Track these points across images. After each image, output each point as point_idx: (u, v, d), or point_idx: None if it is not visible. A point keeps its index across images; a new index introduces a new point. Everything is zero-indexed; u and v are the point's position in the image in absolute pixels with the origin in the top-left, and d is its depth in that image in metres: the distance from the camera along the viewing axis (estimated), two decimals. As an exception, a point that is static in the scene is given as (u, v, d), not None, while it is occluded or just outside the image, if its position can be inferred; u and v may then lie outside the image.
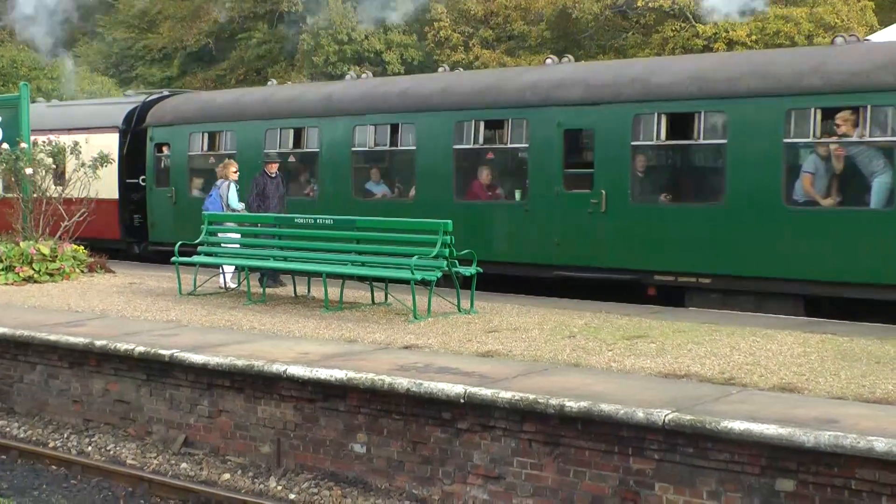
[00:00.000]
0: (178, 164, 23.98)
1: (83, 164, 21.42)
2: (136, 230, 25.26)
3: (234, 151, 22.38)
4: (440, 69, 22.69)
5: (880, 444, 8.05)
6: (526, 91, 18.57)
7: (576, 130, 18.12)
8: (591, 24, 43.40)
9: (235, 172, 19.19)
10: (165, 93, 27.28)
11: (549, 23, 44.68)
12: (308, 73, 45.95)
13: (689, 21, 40.90)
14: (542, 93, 18.32)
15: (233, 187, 18.85)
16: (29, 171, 20.76)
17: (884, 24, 35.86)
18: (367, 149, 20.76)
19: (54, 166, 21.87)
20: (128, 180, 25.07)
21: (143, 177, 24.78)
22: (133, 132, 25.12)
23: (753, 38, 38.90)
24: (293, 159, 22.26)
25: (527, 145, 18.33)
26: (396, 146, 20.47)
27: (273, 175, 18.72)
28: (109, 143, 24.25)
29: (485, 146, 19.31)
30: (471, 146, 19.22)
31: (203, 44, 52.99)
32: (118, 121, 25.52)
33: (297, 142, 21.91)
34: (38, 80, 44.42)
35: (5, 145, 21.26)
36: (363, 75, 23.55)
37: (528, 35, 45.22)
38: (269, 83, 27.28)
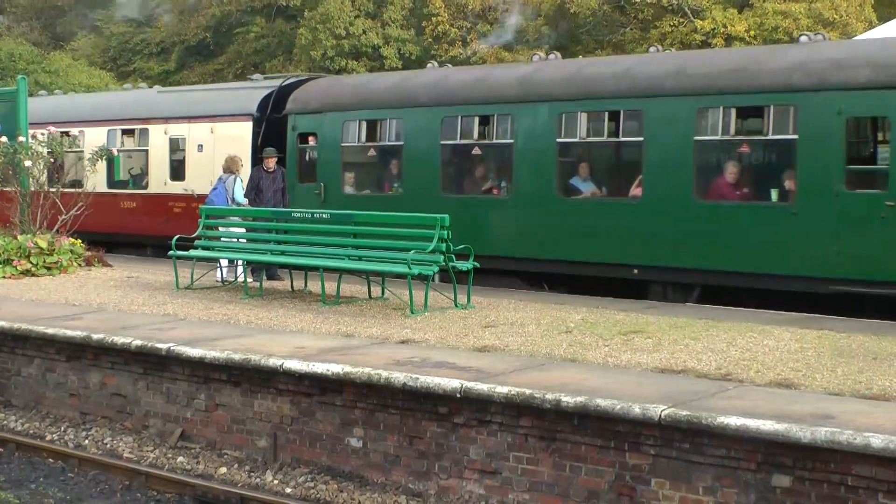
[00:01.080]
0: (329, 156, 20.85)
1: (86, 159, 21.51)
2: None
3: (400, 143, 19.93)
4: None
5: (877, 441, 8.05)
6: (793, 72, 15.78)
7: (862, 118, 15.88)
8: (589, 19, 43.38)
9: (241, 167, 19.18)
10: (302, 76, 24.52)
11: (546, 18, 44.67)
12: (305, 67, 45.92)
13: (687, 16, 40.89)
14: (815, 74, 15.55)
15: (238, 182, 18.79)
16: (28, 163, 20.72)
17: (882, 19, 35.84)
18: (576, 140, 17.93)
19: (52, 160, 21.81)
20: None
21: None
22: (268, 120, 22.12)
23: (752, 33, 38.92)
24: (477, 151, 19.48)
25: (794, 136, 15.53)
26: (617, 137, 17.65)
27: (270, 169, 18.71)
28: (241, 133, 22.27)
29: (737, 138, 16.43)
30: (718, 137, 16.41)
31: (201, 38, 52.96)
32: (251, 107, 22.52)
33: (484, 131, 19.25)
34: (36, 74, 44.39)
35: (3, 138, 21.22)
36: (551, 56, 20.55)
37: (526, 30, 45.21)
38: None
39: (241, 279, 17.57)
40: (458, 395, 10.11)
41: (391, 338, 12.84)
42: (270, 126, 21.87)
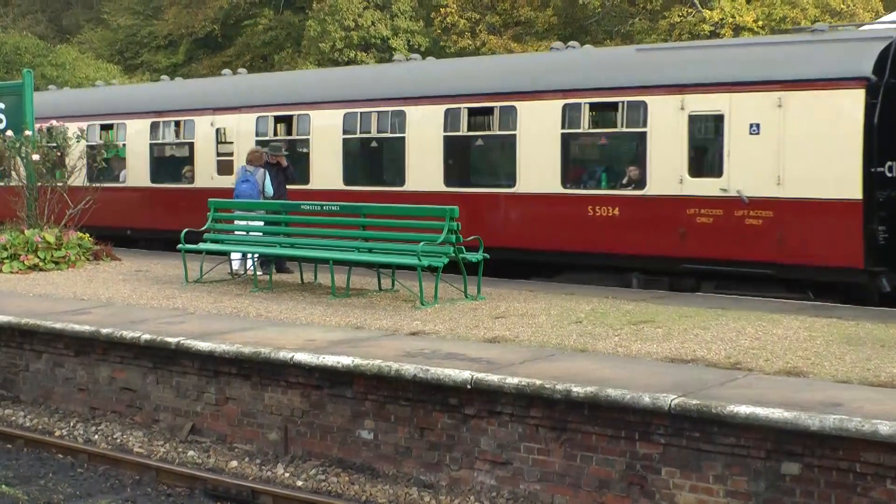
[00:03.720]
0: None
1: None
2: (886, 252, 15.24)
3: None
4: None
5: (885, 428, 8.05)
6: None
7: None
8: (597, 10, 43.31)
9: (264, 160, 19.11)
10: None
11: (555, 9, 44.60)
12: (314, 59, 45.93)
13: (695, 7, 40.80)
14: None
15: (268, 175, 18.64)
16: (36, 157, 20.75)
17: (889, 9, 35.75)
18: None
19: (58, 154, 21.79)
20: (875, 169, 15.05)
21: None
22: (887, 86, 15.13)
23: (760, 23, 38.84)
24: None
25: None
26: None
27: (283, 166, 18.73)
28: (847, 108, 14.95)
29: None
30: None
31: (209, 30, 52.96)
32: (860, 66, 15.02)
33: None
34: (42, 67, 44.43)
35: (9, 132, 21.25)
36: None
37: (534, 21, 45.15)
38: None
39: (250, 272, 17.58)
40: (469, 387, 10.12)
41: (401, 330, 12.85)
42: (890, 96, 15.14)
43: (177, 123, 23.53)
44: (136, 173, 24.15)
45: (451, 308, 14.40)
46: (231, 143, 22.44)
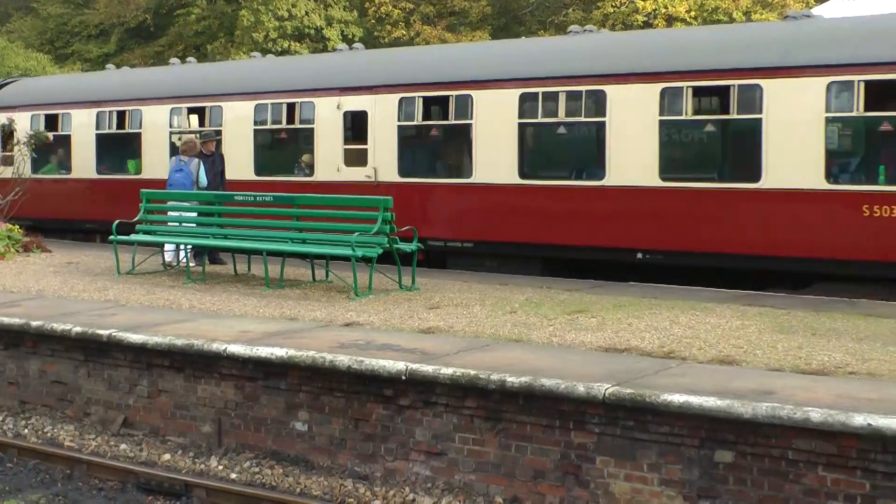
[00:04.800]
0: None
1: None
2: None
3: None
4: None
5: (816, 415, 8.14)
6: None
7: None
8: (532, 0, 43.40)
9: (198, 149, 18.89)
10: None
11: (489, -1, 44.67)
12: (248, 49, 45.58)
13: (629, -3, 41.04)
14: None
15: (202, 166, 18.46)
16: None
17: (819, 0, 36.12)
18: None
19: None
20: None
21: None
22: None
23: (693, 14, 39.13)
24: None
25: None
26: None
27: (209, 153, 18.54)
28: None
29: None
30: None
31: (141, 20, 52.35)
32: None
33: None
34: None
35: None
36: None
37: (468, 11, 45.15)
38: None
39: (183, 263, 17.42)
40: (404, 378, 10.09)
41: (336, 321, 12.78)
42: None
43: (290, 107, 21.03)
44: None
45: (385, 299, 14.35)
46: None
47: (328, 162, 19.74)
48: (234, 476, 10.82)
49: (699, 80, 16.16)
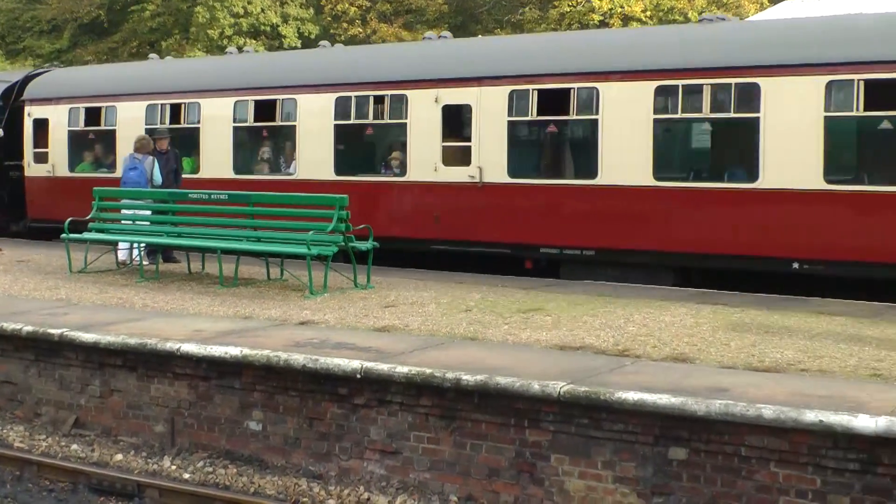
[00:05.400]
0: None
1: None
2: None
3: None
4: None
5: (768, 412, 8.19)
6: None
7: None
8: (488, -1, 43.48)
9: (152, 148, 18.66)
10: None
11: (446, -3, 44.65)
12: (203, 46, 45.31)
13: (585, -4, 41.14)
14: None
15: (157, 163, 18.27)
16: None
17: (774, 1, 36.40)
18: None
19: None
20: None
21: None
22: None
23: (648, 13, 39.30)
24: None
25: None
26: None
27: (163, 151, 18.40)
28: None
29: None
30: None
31: (94, 16, 51.90)
32: None
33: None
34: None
35: None
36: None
37: (425, 9, 45.11)
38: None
39: (136, 262, 17.28)
40: (359, 376, 10.06)
41: (290, 319, 12.73)
42: None
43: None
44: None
45: (340, 297, 14.31)
46: None
47: (423, 160, 17.97)
48: (187, 476, 10.74)
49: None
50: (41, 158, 23.04)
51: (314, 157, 19.11)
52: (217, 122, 20.44)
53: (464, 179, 17.56)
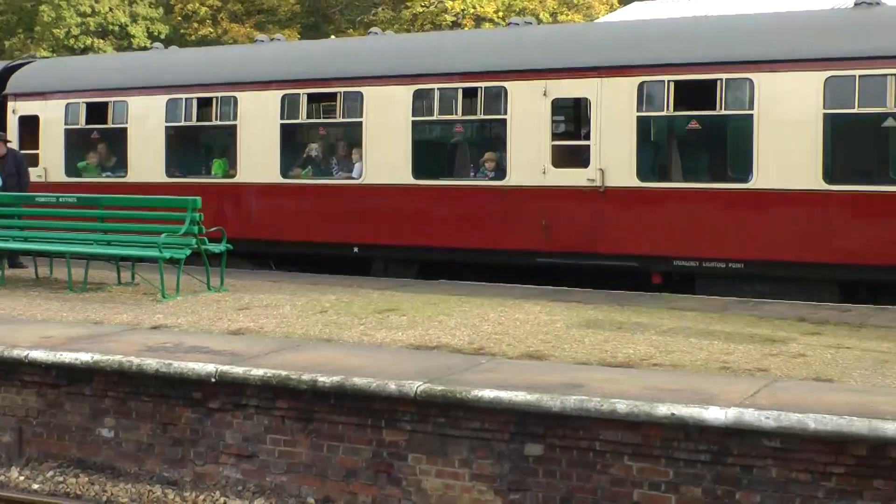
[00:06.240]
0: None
1: None
2: None
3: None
4: None
5: (622, 406, 8.34)
6: None
7: None
8: (341, -1, 43.40)
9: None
10: None
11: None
12: (48, 45, 44.22)
13: (437, -3, 41.38)
14: None
15: None
16: None
17: (624, 2, 37.14)
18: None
19: None
20: None
21: None
22: None
23: (500, 14, 39.70)
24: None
25: None
26: None
27: (2, 154, 17.86)
28: None
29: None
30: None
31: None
32: None
33: None
34: None
35: None
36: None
37: (277, 9, 44.81)
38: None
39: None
40: (213, 380, 9.94)
41: (143, 324, 12.51)
42: None
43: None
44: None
45: (193, 301, 14.10)
46: None
47: (528, 162, 15.65)
48: (36, 486, 10.47)
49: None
50: (30, 162, 19.63)
51: (387, 160, 16.84)
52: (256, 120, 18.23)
53: (581, 183, 15.36)
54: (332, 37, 33.79)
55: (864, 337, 11.21)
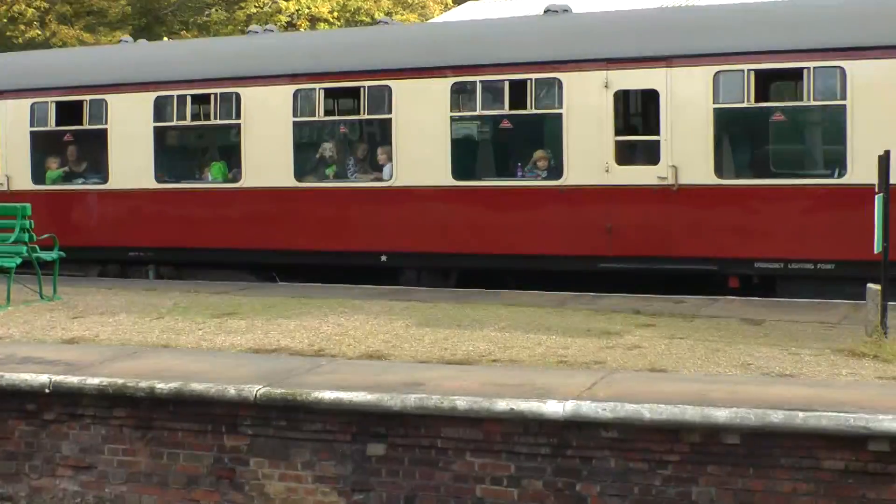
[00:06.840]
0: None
1: None
2: None
3: None
4: None
5: (462, 403, 8.43)
6: None
7: None
8: (173, 0, 42.70)
9: None
10: None
11: (129, -3, 43.57)
12: None
13: (272, -3, 41.08)
14: None
15: None
16: None
17: (458, 2, 37.45)
18: None
19: None
20: None
21: None
22: None
23: (335, 15, 39.62)
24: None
25: None
26: None
27: None
28: None
29: None
30: None
31: None
32: None
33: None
34: None
35: None
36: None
37: (107, 11, 43.86)
38: None
39: None
40: (48, 391, 9.71)
41: (-29, 335, 12.14)
42: None
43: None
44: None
45: (25, 310, 13.74)
46: None
47: (587, 159, 14.52)
48: None
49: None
50: None
51: (422, 160, 15.57)
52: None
53: (650, 182, 14.26)
54: (165, 38, 33.23)
55: (697, 328, 11.56)
